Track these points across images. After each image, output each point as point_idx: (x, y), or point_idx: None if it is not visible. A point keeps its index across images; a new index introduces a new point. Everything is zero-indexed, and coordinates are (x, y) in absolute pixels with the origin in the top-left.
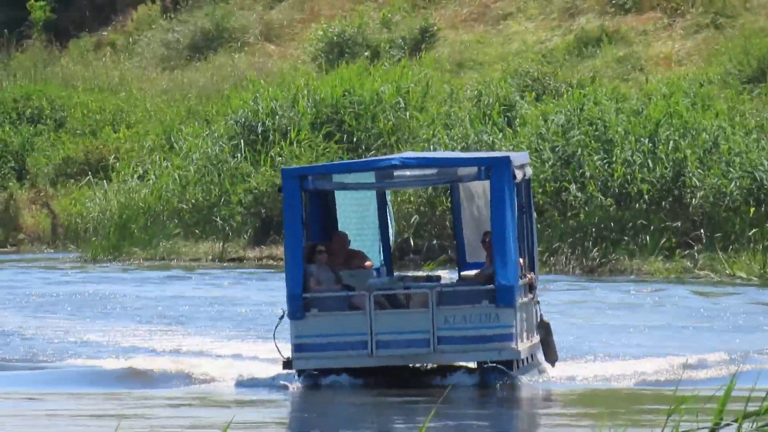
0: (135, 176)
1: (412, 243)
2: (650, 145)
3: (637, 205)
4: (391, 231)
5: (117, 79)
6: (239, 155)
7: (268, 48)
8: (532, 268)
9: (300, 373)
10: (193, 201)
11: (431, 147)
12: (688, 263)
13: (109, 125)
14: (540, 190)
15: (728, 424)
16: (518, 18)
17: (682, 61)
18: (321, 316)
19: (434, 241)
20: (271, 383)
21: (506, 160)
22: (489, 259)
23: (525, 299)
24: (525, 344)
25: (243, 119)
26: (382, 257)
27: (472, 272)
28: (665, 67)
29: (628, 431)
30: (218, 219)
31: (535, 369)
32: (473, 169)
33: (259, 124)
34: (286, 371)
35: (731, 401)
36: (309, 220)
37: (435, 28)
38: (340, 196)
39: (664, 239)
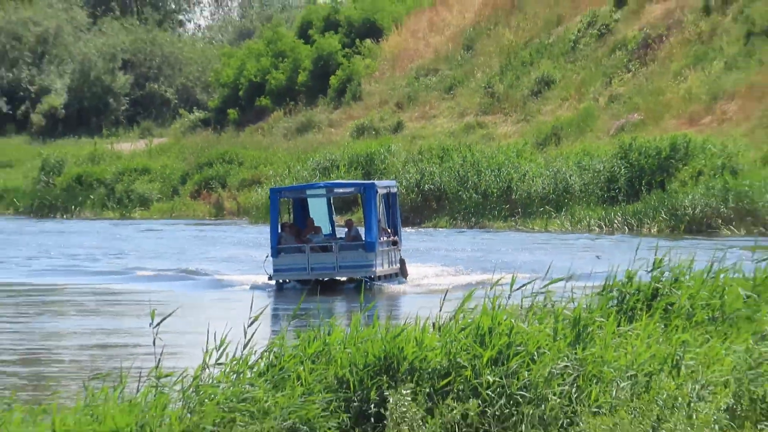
0: None
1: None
2: None
3: None
4: (333, 217)
5: None
6: None
7: None
8: (395, 234)
9: (276, 282)
10: None
11: None
12: None
13: None
14: None
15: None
16: None
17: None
18: (286, 256)
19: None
20: (259, 287)
21: (372, 185)
22: (349, 232)
23: (386, 248)
24: (381, 270)
25: None
26: (330, 229)
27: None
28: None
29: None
30: None
31: (396, 280)
32: (353, 189)
33: None
34: (269, 281)
35: None
36: (295, 214)
37: None
38: (310, 202)
39: None
